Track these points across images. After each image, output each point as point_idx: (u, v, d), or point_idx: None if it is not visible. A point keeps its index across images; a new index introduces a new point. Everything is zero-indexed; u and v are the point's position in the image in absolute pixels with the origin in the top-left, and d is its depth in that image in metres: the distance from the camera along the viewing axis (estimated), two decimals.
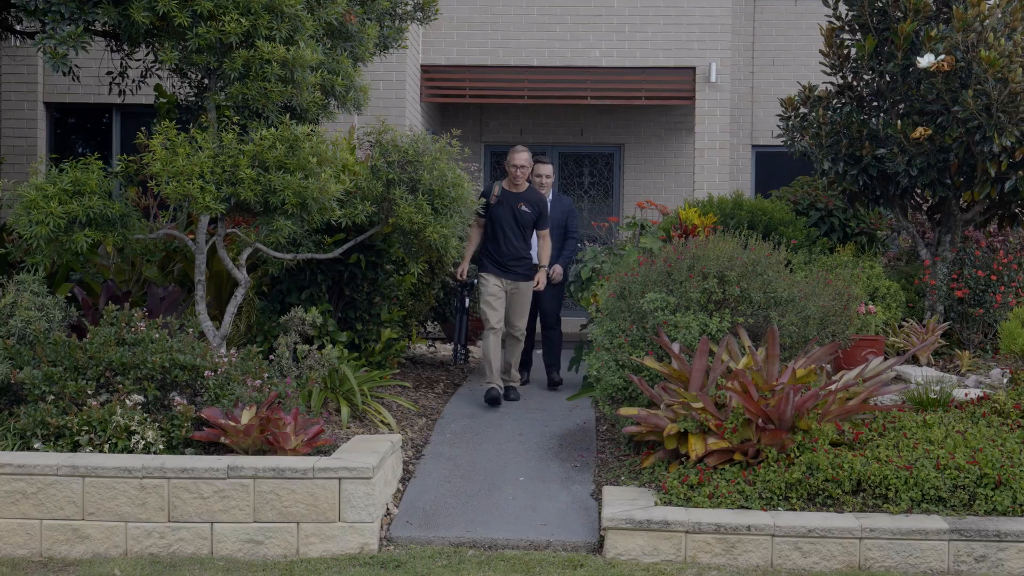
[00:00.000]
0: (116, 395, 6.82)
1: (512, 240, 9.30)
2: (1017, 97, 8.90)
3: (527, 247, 9.40)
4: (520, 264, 9.39)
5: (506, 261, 9.32)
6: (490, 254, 9.37)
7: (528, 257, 9.44)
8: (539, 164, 9.94)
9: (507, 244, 9.30)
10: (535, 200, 9.40)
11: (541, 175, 9.94)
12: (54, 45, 7.30)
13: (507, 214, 9.31)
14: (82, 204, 7.34)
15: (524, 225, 9.34)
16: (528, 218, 9.35)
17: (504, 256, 9.32)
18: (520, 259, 9.37)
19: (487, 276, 9.33)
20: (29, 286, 7.46)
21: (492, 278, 9.31)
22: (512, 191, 9.37)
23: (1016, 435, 6.94)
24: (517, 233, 9.32)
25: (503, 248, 9.31)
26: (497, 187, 9.41)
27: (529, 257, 9.45)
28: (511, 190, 9.37)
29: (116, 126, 13.57)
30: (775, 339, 7.15)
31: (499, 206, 9.34)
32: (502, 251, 9.32)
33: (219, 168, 7.33)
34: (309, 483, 6.33)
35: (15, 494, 6.32)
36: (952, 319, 10.04)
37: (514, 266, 9.35)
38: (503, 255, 9.32)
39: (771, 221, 10.58)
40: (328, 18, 8.00)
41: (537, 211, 9.40)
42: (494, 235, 9.35)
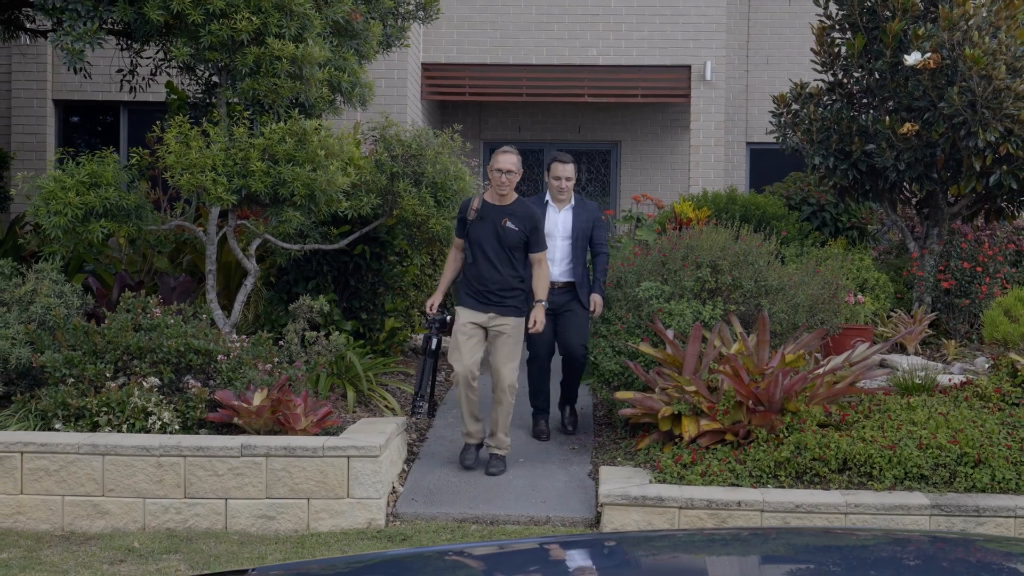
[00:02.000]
0: (133, 378, 7.11)
1: (495, 265, 7.36)
2: (1001, 94, 9.19)
3: (517, 274, 7.45)
4: (507, 296, 7.40)
5: (486, 291, 7.38)
6: (467, 282, 7.51)
7: (519, 288, 7.46)
8: (557, 164, 8.13)
9: (488, 269, 7.37)
10: (525, 215, 7.42)
11: (560, 177, 8.09)
12: (71, 42, 7.59)
13: (487, 232, 7.37)
14: (99, 195, 7.62)
15: (511, 246, 7.39)
16: (516, 237, 7.38)
17: (484, 284, 7.38)
18: (507, 289, 7.39)
19: (460, 309, 7.47)
20: (48, 274, 7.75)
21: (466, 312, 7.40)
22: (496, 203, 7.43)
23: (996, 417, 7.24)
24: (501, 256, 7.37)
25: (483, 274, 7.38)
26: (477, 199, 7.49)
27: (520, 288, 7.47)
28: (494, 202, 7.43)
29: (123, 123, 13.84)
30: (765, 325, 7.45)
31: (479, 222, 7.40)
32: (482, 277, 7.38)
33: (230, 161, 7.62)
34: (319, 461, 6.63)
35: (38, 471, 6.61)
36: (939, 310, 10.34)
37: (497, 298, 7.38)
38: (483, 282, 7.38)
39: (764, 215, 10.88)
40: (335, 16, 8.29)
41: (528, 228, 7.42)
42: (472, 258, 7.46)
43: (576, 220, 8.15)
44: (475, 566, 2.04)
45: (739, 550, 2.05)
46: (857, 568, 1.87)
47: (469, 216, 7.43)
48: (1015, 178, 9.58)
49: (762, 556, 2.03)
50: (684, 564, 1.99)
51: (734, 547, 2.08)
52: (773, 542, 2.32)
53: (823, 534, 2.91)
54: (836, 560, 1.93)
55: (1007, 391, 7.66)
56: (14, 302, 7.63)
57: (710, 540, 2.31)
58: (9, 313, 7.50)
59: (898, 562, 1.91)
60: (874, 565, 1.88)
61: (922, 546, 2.08)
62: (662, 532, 2.48)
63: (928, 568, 1.93)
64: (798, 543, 2.32)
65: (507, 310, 7.39)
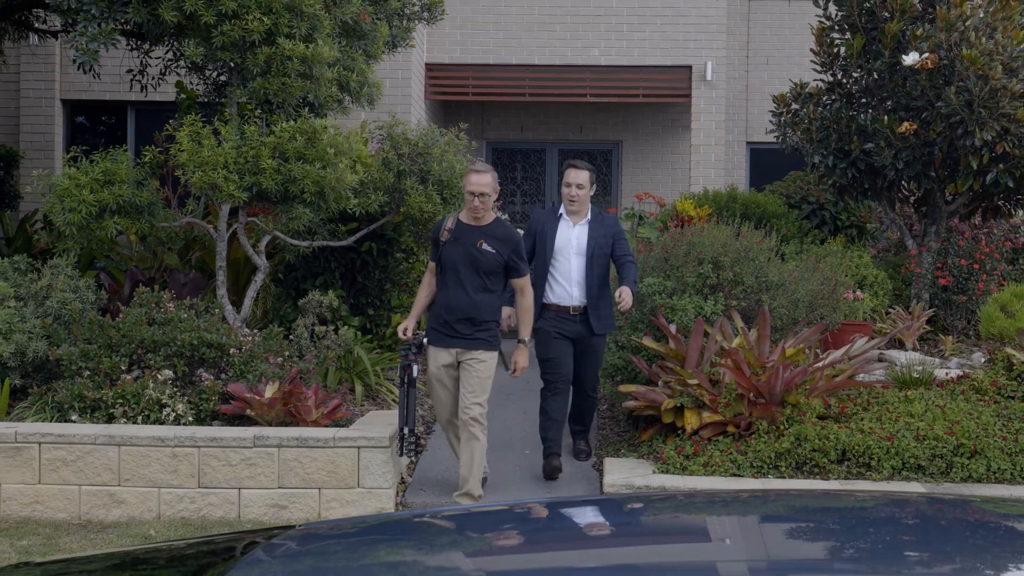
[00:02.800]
0: (148, 371, 7.27)
1: (467, 290, 6.62)
2: (997, 93, 9.35)
3: (490, 303, 6.71)
4: (476, 328, 6.65)
5: (454, 320, 6.64)
6: (435, 310, 6.79)
7: (490, 320, 6.71)
8: (570, 170, 7.39)
9: (459, 295, 6.62)
10: (504, 236, 6.70)
11: (571, 184, 7.33)
12: (86, 42, 7.74)
13: (461, 255, 6.64)
14: (112, 193, 7.78)
15: (488, 271, 6.65)
16: (494, 261, 6.64)
17: (452, 312, 6.64)
18: (477, 321, 6.64)
19: (432, 350, 6.75)
20: (63, 270, 7.90)
21: (435, 353, 6.72)
22: (471, 223, 6.71)
23: (992, 409, 7.39)
24: (475, 281, 6.63)
25: (452, 301, 6.64)
26: (451, 219, 6.77)
27: (493, 320, 6.74)
28: (469, 222, 6.71)
29: (131, 122, 13.99)
30: (766, 320, 7.61)
31: (452, 244, 6.67)
32: (451, 305, 6.64)
33: (242, 159, 7.78)
34: (330, 452, 6.78)
35: (55, 462, 6.77)
36: (937, 306, 10.49)
37: (466, 328, 6.64)
38: (451, 310, 6.64)
39: (764, 214, 11.04)
40: (344, 17, 8.44)
41: (508, 251, 6.67)
42: (443, 283, 6.73)
43: (592, 235, 7.30)
44: (505, 521, 2.19)
45: (740, 510, 2.19)
46: (857, 526, 2.01)
47: (442, 237, 6.71)
48: (1011, 176, 9.73)
49: (762, 516, 2.17)
50: (686, 522, 2.14)
51: (735, 508, 2.22)
52: (773, 503, 2.46)
53: (823, 496, 3.06)
54: (835, 519, 2.06)
55: (1003, 384, 7.82)
56: (30, 297, 7.78)
57: (710, 502, 2.45)
58: (25, 308, 7.65)
59: (896, 521, 2.05)
60: (873, 523, 2.01)
61: (920, 507, 2.22)
62: (664, 494, 2.62)
63: (926, 526, 2.07)
64: (798, 504, 2.47)
65: (474, 343, 6.64)
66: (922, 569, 1.79)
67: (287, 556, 1.88)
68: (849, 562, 1.87)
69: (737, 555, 1.98)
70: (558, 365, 7.30)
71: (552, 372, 7.33)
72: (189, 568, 1.75)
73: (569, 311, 7.30)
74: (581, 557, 1.95)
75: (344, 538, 2.16)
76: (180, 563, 1.83)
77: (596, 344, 7.44)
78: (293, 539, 2.02)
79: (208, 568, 1.81)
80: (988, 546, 1.94)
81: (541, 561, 1.91)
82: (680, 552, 1.98)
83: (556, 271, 7.35)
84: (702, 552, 2.01)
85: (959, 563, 1.85)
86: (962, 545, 1.95)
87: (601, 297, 7.34)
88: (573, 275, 7.30)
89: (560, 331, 7.28)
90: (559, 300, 7.33)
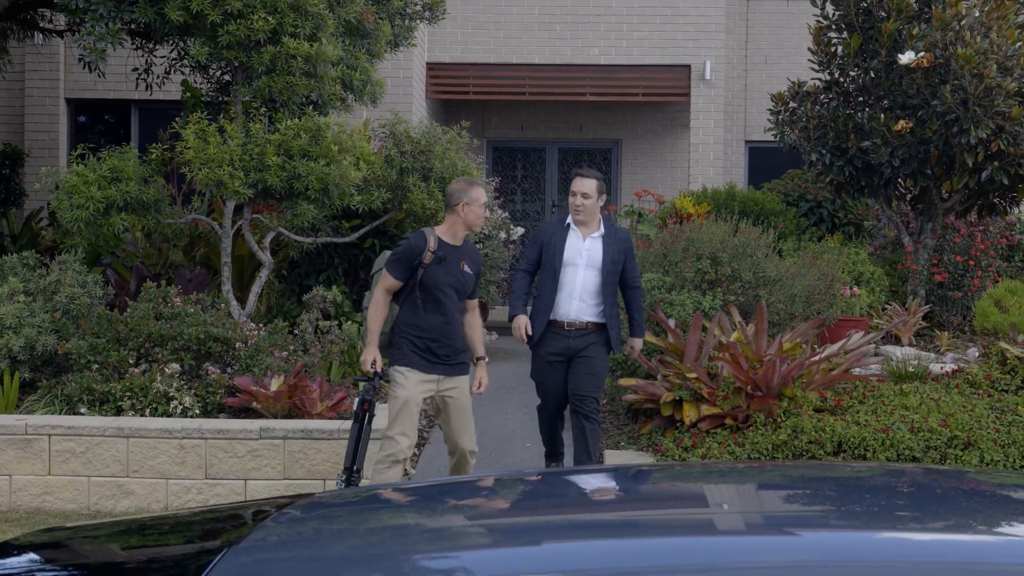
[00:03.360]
0: (155, 364, 7.39)
1: (451, 315, 6.17)
2: (992, 92, 9.47)
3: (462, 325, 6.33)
4: (459, 353, 6.26)
5: (439, 347, 6.13)
6: (411, 335, 6.10)
7: (463, 343, 6.37)
8: (576, 178, 6.90)
9: (442, 321, 6.13)
10: (476, 256, 6.41)
11: (576, 193, 6.78)
12: (93, 41, 7.86)
13: (447, 278, 6.13)
14: (120, 189, 7.90)
15: (465, 295, 6.31)
16: (470, 284, 6.31)
17: (437, 339, 6.11)
18: (462, 349, 6.29)
19: (408, 372, 6.08)
20: (71, 265, 8.02)
21: (415, 376, 6.08)
22: (452, 243, 6.19)
23: (985, 402, 7.51)
24: (457, 305, 6.24)
25: (437, 326, 6.11)
26: (432, 238, 6.14)
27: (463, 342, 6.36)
28: (451, 242, 6.18)
29: (134, 121, 14.11)
30: (764, 314, 7.73)
31: (436, 266, 6.09)
32: (434, 330, 6.11)
33: (247, 156, 7.90)
34: (335, 443, 6.90)
35: (65, 453, 6.89)
36: (933, 302, 10.62)
37: (450, 354, 6.18)
38: (435, 336, 6.11)
39: (762, 211, 11.17)
40: (347, 16, 8.57)
41: (478, 271, 6.41)
42: (421, 308, 6.10)
43: (607, 250, 6.78)
44: (515, 486, 2.31)
45: (737, 479, 2.30)
46: (852, 491, 2.12)
47: (425, 259, 6.06)
48: (1006, 174, 9.86)
49: (759, 484, 2.28)
50: (684, 489, 2.25)
51: (731, 477, 2.33)
52: (770, 473, 2.58)
53: (819, 466, 3.18)
54: (831, 487, 2.17)
55: (996, 378, 7.94)
56: (39, 292, 7.90)
57: (707, 471, 2.57)
58: (35, 302, 7.78)
59: (892, 488, 2.15)
60: (870, 491, 2.12)
61: (915, 475, 2.32)
62: (663, 464, 2.73)
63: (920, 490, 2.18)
64: (793, 474, 2.57)
65: (456, 368, 6.21)
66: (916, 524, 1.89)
67: (313, 516, 2.00)
68: (845, 517, 1.98)
69: (735, 511, 2.10)
70: (551, 393, 6.90)
71: (544, 399, 7.00)
72: (223, 528, 1.87)
73: (575, 326, 6.72)
74: (584, 516, 2.08)
75: (366, 503, 2.29)
76: (213, 525, 1.94)
77: (599, 356, 6.79)
78: (315, 504, 2.14)
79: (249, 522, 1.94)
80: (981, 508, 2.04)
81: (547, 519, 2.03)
82: (678, 509, 2.10)
83: (563, 283, 6.77)
84: (701, 507, 2.13)
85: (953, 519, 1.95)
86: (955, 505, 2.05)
87: (612, 316, 6.82)
88: (577, 290, 6.74)
89: (555, 353, 6.75)
90: (564, 316, 6.75)
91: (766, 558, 1.71)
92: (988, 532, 1.91)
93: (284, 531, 1.86)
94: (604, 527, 1.98)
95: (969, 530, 1.92)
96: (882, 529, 1.92)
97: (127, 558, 1.83)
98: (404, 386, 6.03)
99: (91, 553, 1.87)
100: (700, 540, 1.81)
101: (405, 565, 1.69)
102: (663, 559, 1.68)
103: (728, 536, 1.91)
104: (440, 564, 1.70)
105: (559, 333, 6.74)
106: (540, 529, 1.96)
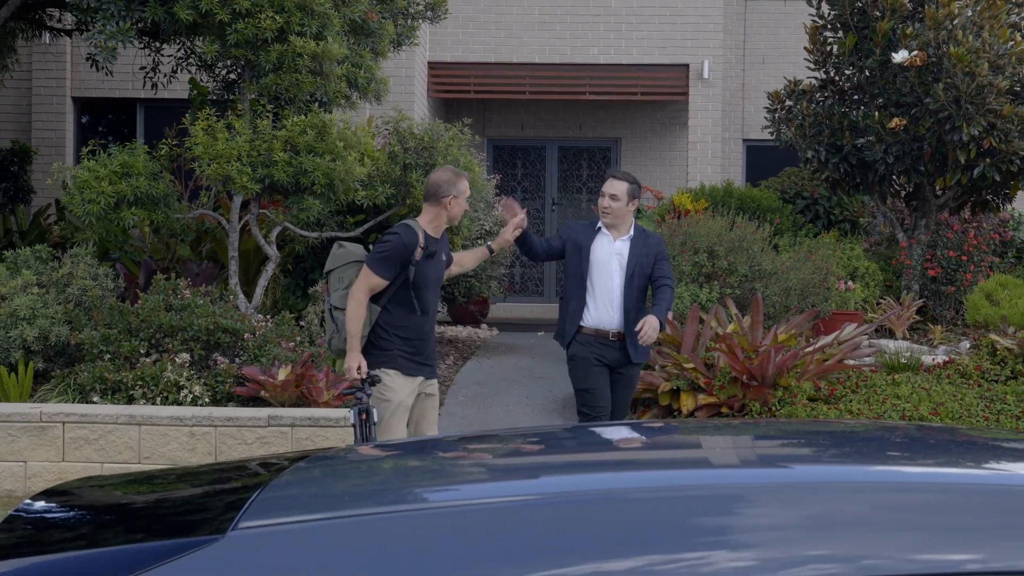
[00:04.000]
0: (166, 354, 7.58)
1: (433, 313, 5.86)
2: (984, 90, 9.66)
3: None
4: (433, 352, 5.94)
5: (427, 348, 5.79)
6: (401, 338, 5.67)
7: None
8: (608, 180, 6.51)
9: (429, 320, 5.80)
10: (446, 245, 5.99)
11: (604, 194, 6.46)
12: (104, 39, 8.05)
13: (434, 274, 5.77)
14: (130, 184, 8.09)
15: (441, 284, 6.00)
16: (443, 272, 5.95)
17: (425, 339, 5.77)
18: (434, 349, 5.96)
19: (398, 377, 5.67)
20: (83, 258, 8.21)
21: (405, 382, 5.69)
22: (435, 236, 5.77)
23: (975, 391, 7.70)
24: (437, 302, 5.99)
25: (425, 327, 5.77)
26: (420, 234, 5.66)
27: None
28: (434, 235, 5.76)
29: (140, 119, 14.30)
30: (759, 306, 7.92)
31: (427, 262, 5.67)
32: (423, 331, 5.76)
33: (255, 152, 8.09)
34: (341, 431, 7.08)
35: (78, 440, 7.07)
36: (926, 297, 10.81)
37: (433, 355, 5.91)
38: (424, 337, 5.77)
39: (759, 208, 11.36)
40: (352, 16, 8.75)
41: (450, 260, 6.04)
42: (416, 308, 5.68)
43: (633, 254, 6.42)
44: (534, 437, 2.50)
45: (733, 432, 2.48)
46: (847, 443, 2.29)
47: (416, 256, 5.59)
48: (998, 170, 10.05)
49: (755, 435, 2.45)
50: (682, 441, 2.43)
51: (727, 431, 2.50)
52: (764, 427, 2.76)
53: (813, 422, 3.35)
54: (825, 438, 2.34)
55: (987, 368, 8.13)
56: (51, 284, 8.09)
57: (702, 427, 2.75)
58: (47, 294, 7.96)
59: (885, 440, 2.33)
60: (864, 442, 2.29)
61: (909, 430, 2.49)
62: (661, 422, 2.91)
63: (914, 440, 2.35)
64: (788, 429, 2.75)
65: (433, 370, 5.90)
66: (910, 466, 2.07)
67: (339, 460, 2.19)
68: (838, 458, 2.16)
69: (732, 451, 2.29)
70: (599, 397, 6.39)
71: (591, 405, 6.41)
72: (257, 472, 2.05)
73: (609, 336, 6.35)
74: (595, 458, 2.27)
75: (393, 449, 2.50)
76: (247, 470, 2.13)
77: (633, 375, 6.55)
78: (341, 452, 2.33)
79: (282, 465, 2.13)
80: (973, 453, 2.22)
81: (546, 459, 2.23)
82: (678, 452, 2.29)
83: (596, 290, 6.40)
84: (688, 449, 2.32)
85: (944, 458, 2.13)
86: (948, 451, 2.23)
87: (637, 309, 6.41)
88: (616, 295, 6.37)
89: (601, 358, 6.37)
90: (599, 324, 6.37)
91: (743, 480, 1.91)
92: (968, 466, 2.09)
93: (316, 471, 2.06)
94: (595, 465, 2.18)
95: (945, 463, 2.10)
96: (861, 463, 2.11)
97: (172, 496, 2.01)
98: (395, 390, 5.63)
99: (133, 494, 2.05)
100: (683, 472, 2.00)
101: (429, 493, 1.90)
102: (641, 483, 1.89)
103: (710, 468, 2.10)
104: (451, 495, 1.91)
105: (603, 343, 6.35)
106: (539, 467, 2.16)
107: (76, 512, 1.98)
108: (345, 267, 5.74)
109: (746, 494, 1.78)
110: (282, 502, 1.78)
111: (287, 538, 1.59)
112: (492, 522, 1.64)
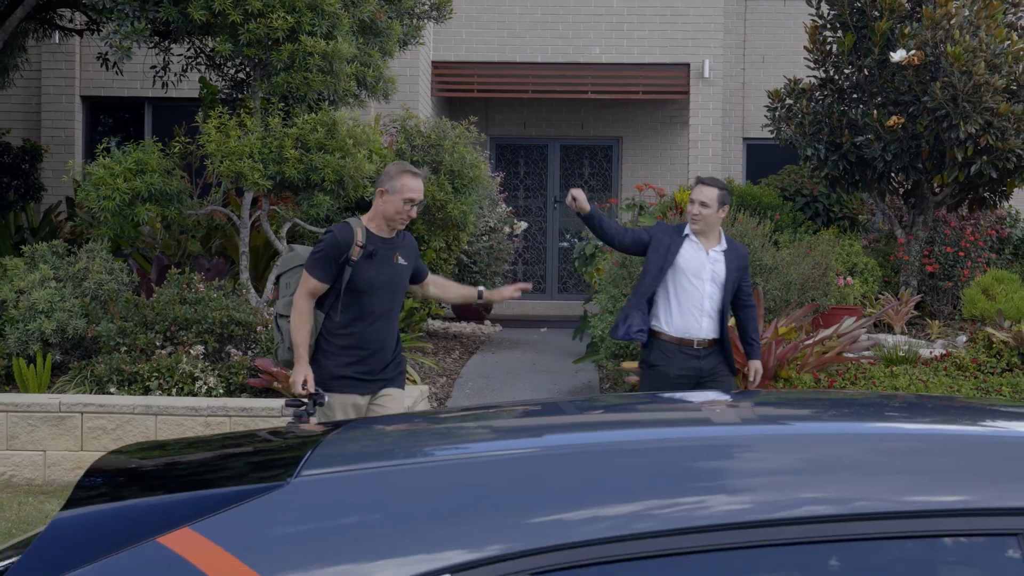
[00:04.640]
0: (180, 347, 7.76)
1: (388, 319, 5.21)
2: (980, 88, 9.84)
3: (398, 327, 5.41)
4: (397, 361, 5.29)
5: (374, 360, 5.15)
6: (339, 351, 5.09)
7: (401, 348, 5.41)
8: (698, 186, 6.13)
9: (379, 327, 5.16)
10: (410, 244, 5.35)
11: (695, 201, 6.10)
12: (119, 39, 8.23)
13: (380, 275, 5.12)
14: (144, 181, 8.27)
15: (403, 289, 5.34)
16: (405, 275, 5.29)
17: (371, 350, 5.14)
18: (400, 356, 5.33)
19: (340, 398, 5.06)
20: (99, 253, 8.39)
21: (345, 399, 5.08)
22: (384, 236, 5.17)
23: (971, 383, 7.88)
24: (395, 305, 5.30)
25: (372, 335, 5.14)
26: (359, 231, 5.10)
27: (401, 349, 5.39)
28: (382, 235, 5.16)
29: (148, 118, 14.48)
30: (760, 300, 8.09)
31: (366, 262, 5.07)
32: (370, 341, 5.14)
33: (266, 149, 8.27)
34: None
35: (96, 430, 7.25)
36: (924, 292, 10.99)
37: (389, 364, 5.23)
38: (370, 347, 5.14)
39: (760, 205, 11.53)
40: (361, 15, 8.93)
41: (415, 259, 5.37)
42: (356, 314, 5.10)
43: (729, 267, 6.10)
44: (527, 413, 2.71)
45: (732, 401, 2.66)
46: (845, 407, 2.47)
47: (352, 255, 5.02)
48: (994, 168, 10.23)
49: (755, 402, 2.64)
50: (678, 404, 2.64)
51: (726, 401, 2.69)
52: (763, 396, 2.93)
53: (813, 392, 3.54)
54: (825, 405, 2.52)
55: (983, 361, 8.31)
56: (68, 279, 8.27)
57: (704, 398, 2.93)
58: (64, 288, 8.14)
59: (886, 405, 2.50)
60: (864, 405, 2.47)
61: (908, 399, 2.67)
62: (657, 395, 3.10)
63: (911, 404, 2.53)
64: (788, 398, 2.93)
65: (392, 382, 5.24)
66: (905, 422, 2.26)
67: (376, 425, 2.39)
68: (836, 419, 2.34)
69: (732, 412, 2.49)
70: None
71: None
72: (301, 436, 2.24)
73: (693, 344, 6.02)
74: (604, 416, 2.48)
75: (424, 416, 2.70)
76: (290, 436, 2.32)
77: (728, 380, 6.25)
78: (367, 423, 2.54)
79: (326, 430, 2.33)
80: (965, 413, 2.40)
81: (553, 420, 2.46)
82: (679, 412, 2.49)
83: (680, 296, 6.06)
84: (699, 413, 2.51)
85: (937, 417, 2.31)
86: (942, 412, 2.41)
87: (726, 333, 6.21)
88: (706, 304, 6.05)
89: (684, 373, 6.03)
90: (682, 332, 6.04)
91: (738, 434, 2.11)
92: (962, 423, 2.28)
93: (358, 433, 2.27)
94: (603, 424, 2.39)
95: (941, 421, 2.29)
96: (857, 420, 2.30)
97: (230, 455, 2.21)
98: (336, 416, 5.01)
99: (194, 453, 2.24)
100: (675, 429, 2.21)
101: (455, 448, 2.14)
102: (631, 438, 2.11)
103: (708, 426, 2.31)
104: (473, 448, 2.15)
105: (687, 352, 6.03)
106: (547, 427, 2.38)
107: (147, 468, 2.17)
108: (292, 271, 5.25)
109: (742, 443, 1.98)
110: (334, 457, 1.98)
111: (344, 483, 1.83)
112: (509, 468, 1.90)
